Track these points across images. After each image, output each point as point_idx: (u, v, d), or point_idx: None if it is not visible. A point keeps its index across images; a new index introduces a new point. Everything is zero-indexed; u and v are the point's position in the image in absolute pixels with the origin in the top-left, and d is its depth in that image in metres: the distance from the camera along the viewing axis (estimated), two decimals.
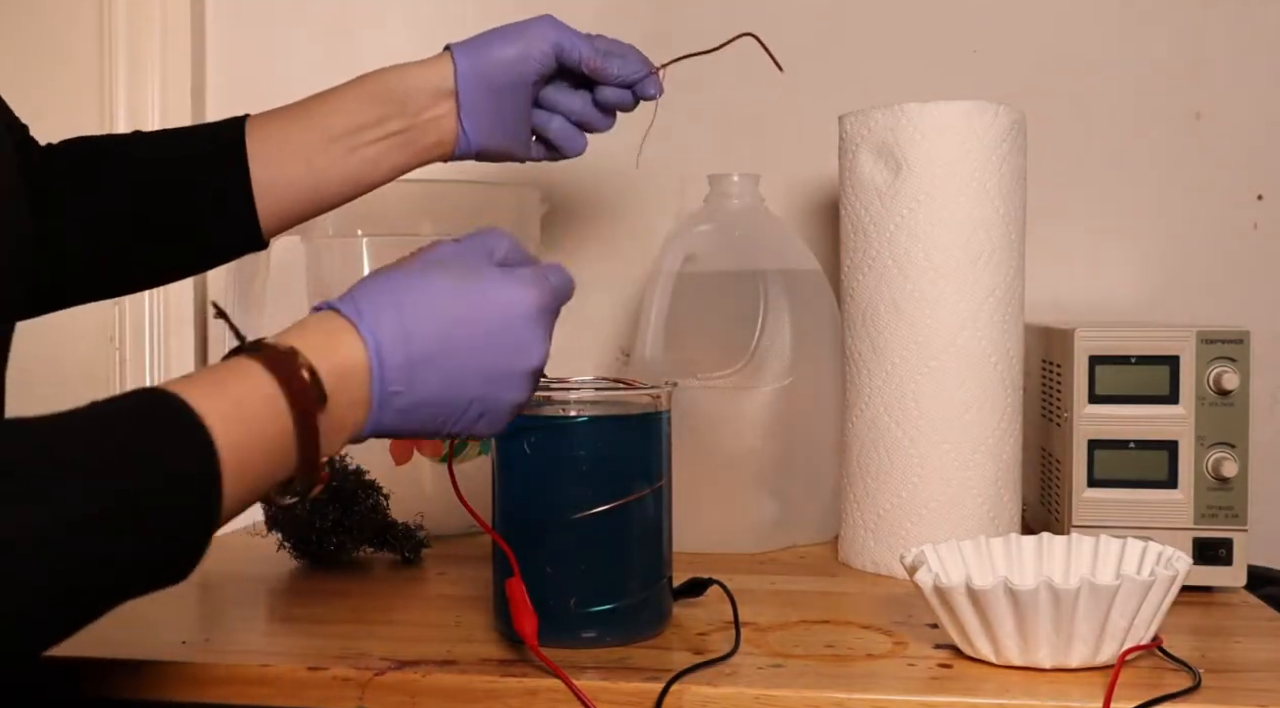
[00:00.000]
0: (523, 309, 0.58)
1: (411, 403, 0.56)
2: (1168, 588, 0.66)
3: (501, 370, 0.58)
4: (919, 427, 0.87)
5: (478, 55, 0.77)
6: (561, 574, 0.70)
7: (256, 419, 0.51)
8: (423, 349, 0.56)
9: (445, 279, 0.58)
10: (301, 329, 0.56)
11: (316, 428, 0.52)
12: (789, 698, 0.63)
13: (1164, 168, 1.15)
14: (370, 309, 0.56)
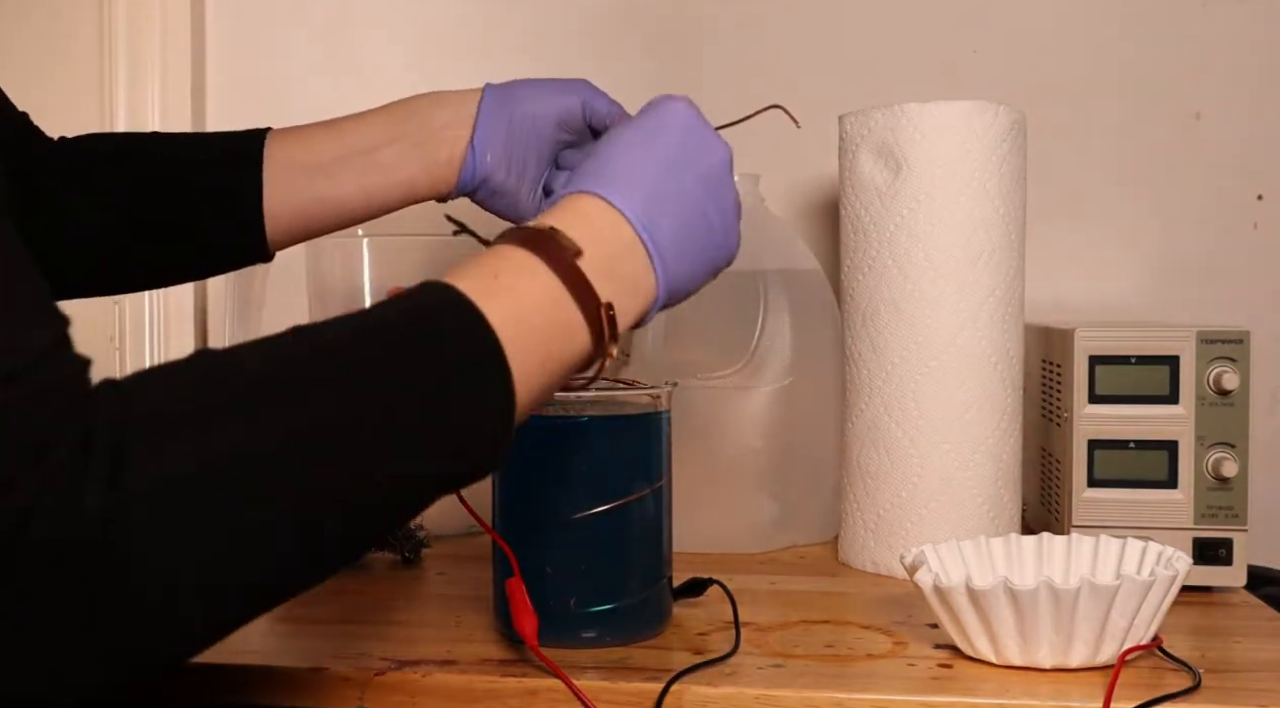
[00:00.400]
0: (686, 114, 0.62)
1: (673, 230, 0.58)
2: (1168, 588, 0.66)
3: (710, 169, 0.61)
4: (919, 427, 0.87)
5: (507, 90, 0.78)
6: (561, 574, 0.70)
7: (521, 288, 0.52)
8: (650, 181, 0.59)
9: (624, 127, 0.62)
10: (539, 216, 0.57)
11: (583, 276, 0.53)
12: (789, 698, 0.63)
13: (1164, 168, 1.15)
14: (590, 174, 0.59)
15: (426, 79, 1.22)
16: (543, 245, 0.54)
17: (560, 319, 0.53)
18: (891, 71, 1.17)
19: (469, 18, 1.23)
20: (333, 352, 0.47)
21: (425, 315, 0.50)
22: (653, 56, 1.20)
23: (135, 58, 1.21)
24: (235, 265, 0.80)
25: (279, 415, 0.43)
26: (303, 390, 0.45)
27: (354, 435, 0.45)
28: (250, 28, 1.24)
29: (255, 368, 0.45)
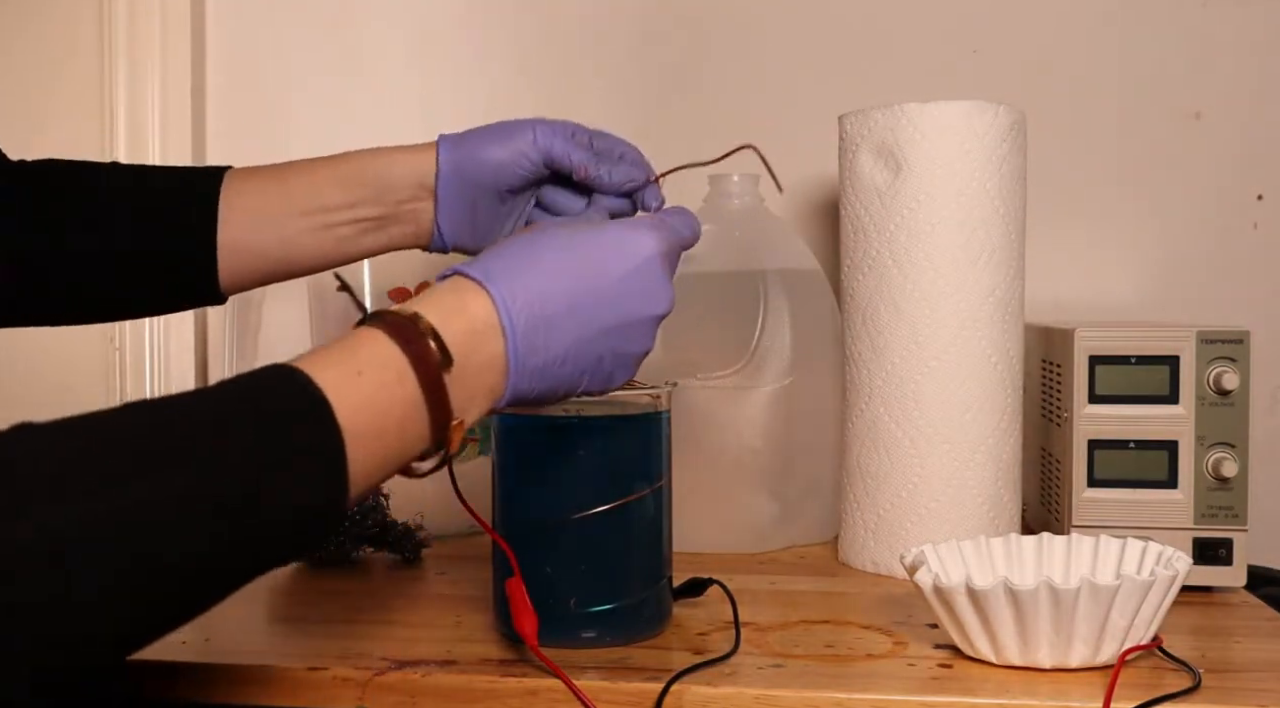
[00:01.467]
0: (647, 254, 0.59)
1: (547, 361, 0.57)
2: (1168, 588, 0.66)
3: (631, 319, 0.59)
4: (919, 427, 0.87)
5: (463, 155, 0.74)
6: (561, 574, 0.70)
7: (382, 387, 0.50)
8: (554, 304, 0.56)
9: (569, 232, 0.59)
10: (429, 294, 0.55)
11: (445, 390, 0.52)
12: (789, 698, 0.63)
13: (1164, 168, 1.15)
14: (499, 268, 0.56)
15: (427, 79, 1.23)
16: (419, 350, 0.52)
17: (410, 427, 0.52)
18: (891, 71, 1.17)
19: (469, 18, 1.23)
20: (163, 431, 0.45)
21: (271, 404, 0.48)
22: (652, 56, 1.20)
23: (135, 58, 1.21)
24: (187, 306, 0.79)
25: (86, 498, 0.42)
26: (120, 472, 0.43)
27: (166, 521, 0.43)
28: (250, 28, 1.24)
29: (71, 446, 0.43)
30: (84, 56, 1.22)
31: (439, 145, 0.74)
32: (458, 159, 0.74)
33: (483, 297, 0.55)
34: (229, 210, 0.74)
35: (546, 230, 0.59)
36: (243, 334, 1.04)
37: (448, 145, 0.74)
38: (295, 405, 0.48)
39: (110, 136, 1.21)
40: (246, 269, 0.75)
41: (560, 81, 1.21)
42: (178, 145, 1.21)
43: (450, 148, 0.74)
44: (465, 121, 1.25)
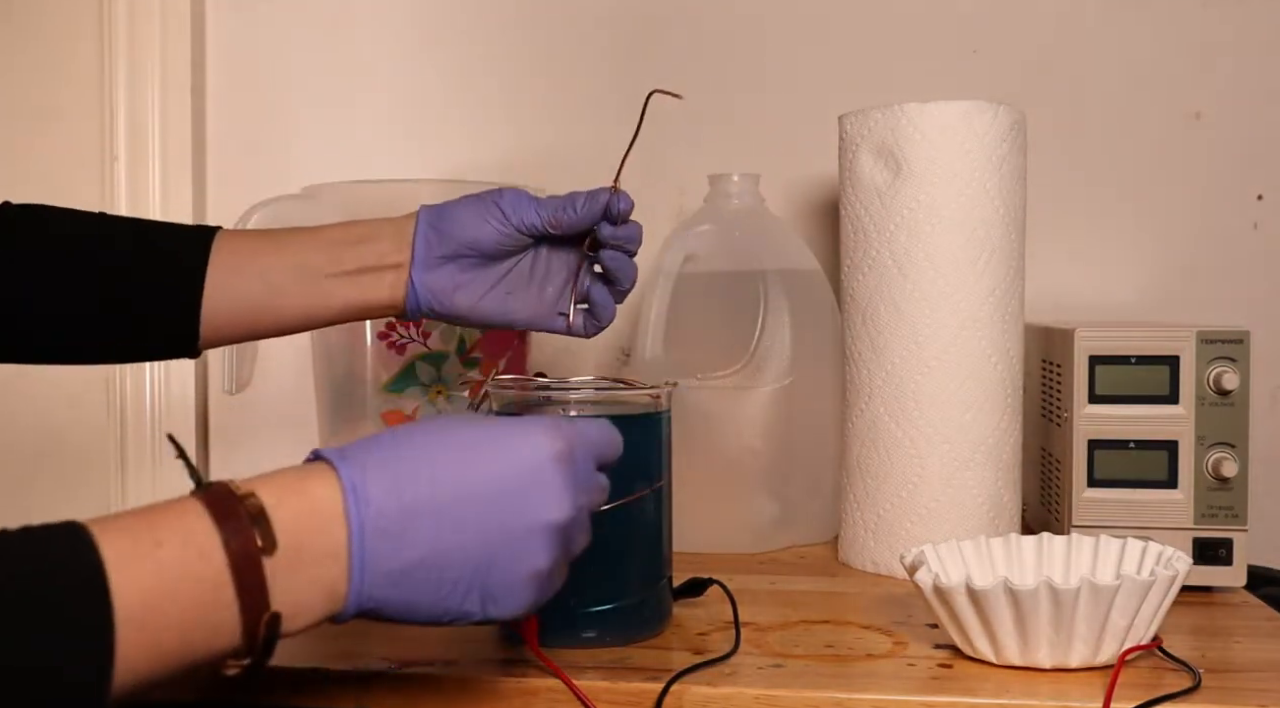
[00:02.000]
0: (536, 454, 0.52)
1: (404, 564, 0.49)
2: (1168, 588, 0.66)
3: (514, 525, 0.51)
4: (919, 427, 0.87)
5: (439, 215, 0.77)
6: None
7: (179, 564, 0.44)
8: (416, 495, 0.49)
9: (446, 423, 0.52)
10: (273, 473, 0.49)
11: (261, 577, 0.45)
12: (789, 698, 0.63)
13: (1164, 168, 1.15)
14: (355, 451, 0.50)
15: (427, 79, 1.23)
16: (233, 525, 0.46)
17: (212, 613, 0.45)
18: (891, 71, 1.17)
19: (469, 18, 1.23)
20: None
21: (43, 569, 0.42)
22: (652, 57, 1.20)
23: (135, 58, 1.21)
24: (161, 358, 0.80)
25: None
26: None
27: None
28: (250, 28, 1.24)
29: None
30: (84, 56, 1.22)
31: (419, 212, 0.77)
32: (432, 218, 0.76)
33: (330, 477, 0.49)
34: (216, 264, 0.75)
35: (426, 420, 0.54)
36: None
37: (426, 211, 0.77)
38: (68, 575, 0.42)
39: (110, 136, 1.21)
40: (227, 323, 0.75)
41: (560, 82, 1.21)
42: (178, 145, 1.21)
43: (428, 212, 0.77)
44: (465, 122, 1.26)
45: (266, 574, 0.46)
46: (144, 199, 1.20)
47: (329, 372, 1.01)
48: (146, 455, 1.20)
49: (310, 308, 0.76)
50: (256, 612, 0.46)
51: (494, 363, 0.97)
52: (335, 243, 0.76)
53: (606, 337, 1.21)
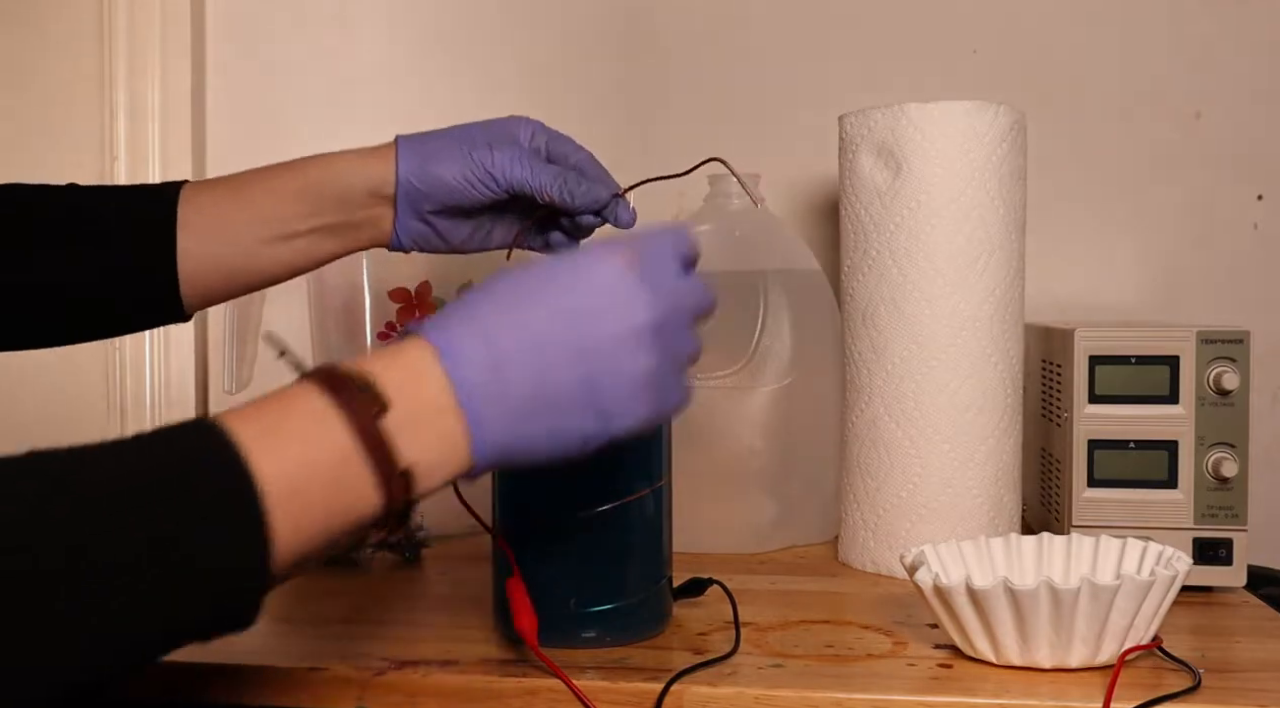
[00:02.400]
0: (605, 266, 0.54)
1: (513, 407, 0.51)
2: (1168, 588, 0.66)
3: (602, 339, 0.52)
4: (919, 427, 0.87)
5: (421, 168, 0.73)
6: (561, 574, 0.70)
7: (309, 441, 0.47)
8: (503, 341, 0.51)
9: (515, 271, 0.54)
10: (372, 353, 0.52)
11: (386, 438, 0.48)
12: (789, 698, 0.63)
13: (1164, 168, 1.15)
14: (438, 319, 0.52)
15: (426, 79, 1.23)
16: (346, 394, 0.48)
17: (348, 480, 0.47)
18: (891, 71, 1.17)
19: (469, 18, 1.23)
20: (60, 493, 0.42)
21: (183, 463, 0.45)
22: (652, 57, 1.20)
23: (135, 58, 1.21)
24: (151, 326, 0.78)
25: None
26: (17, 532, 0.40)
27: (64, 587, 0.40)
28: (250, 28, 1.24)
29: None
30: (84, 56, 1.22)
31: (398, 153, 0.73)
32: (416, 172, 0.73)
33: (421, 344, 0.51)
34: (187, 227, 0.73)
35: (498, 272, 0.55)
36: (242, 334, 1.04)
37: (407, 154, 0.73)
38: (210, 463, 0.45)
39: (110, 136, 1.21)
40: (207, 284, 0.74)
41: (559, 83, 1.21)
42: (178, 145, 1.21)
43: (409, 157, 0.73)
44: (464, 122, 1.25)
45: (389, 435, 0.48)
46: None
47: None
48: None
49: (291, 264, 0.75)
50: (388, 471, 0.48)
51: None
52: (308, 193, 0.73)
53: None
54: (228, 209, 0.74)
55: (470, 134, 0.74)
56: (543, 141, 0.76)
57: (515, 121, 0.76)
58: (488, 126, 0.75)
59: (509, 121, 0.75)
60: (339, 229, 0.75)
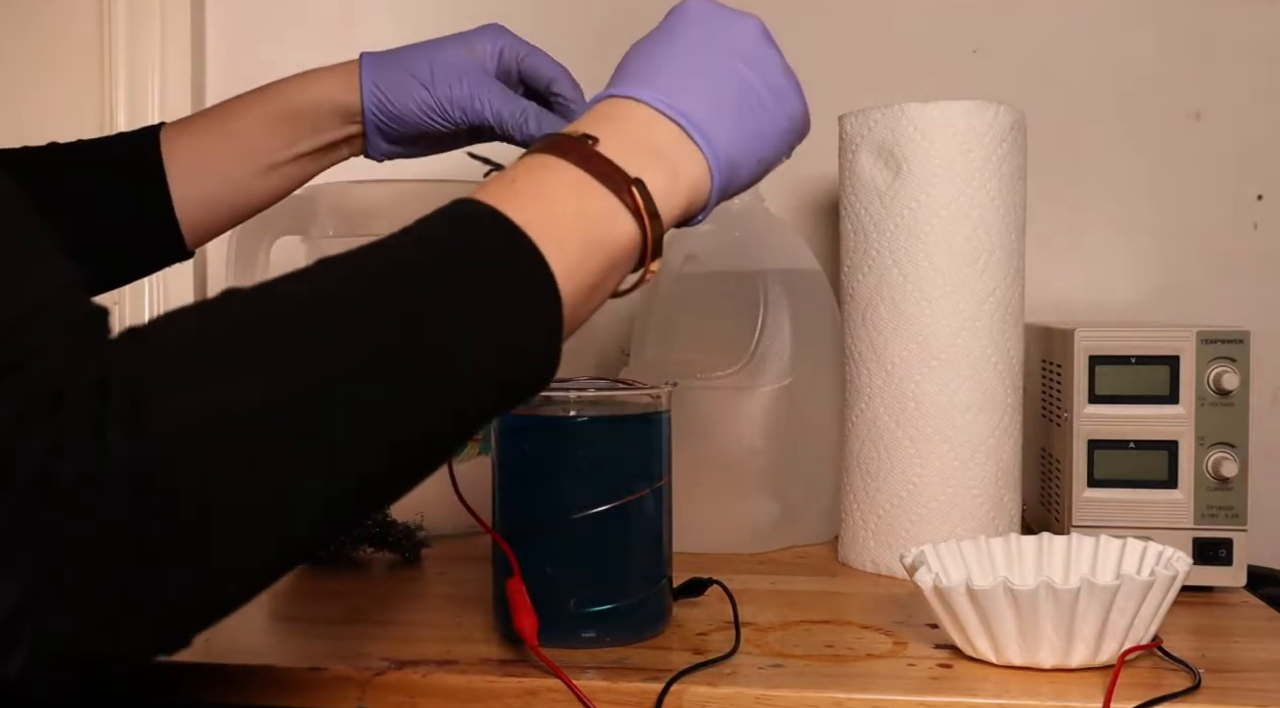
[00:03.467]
0: (699, 6, 0.62)
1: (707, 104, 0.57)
2: (1168, 588, 0.66)
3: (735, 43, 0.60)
4: (919, 427, 0.87)
5: (385, 102, 0.74)
6: (561, 574, 0.70)
7: (539, 185, 0.51)
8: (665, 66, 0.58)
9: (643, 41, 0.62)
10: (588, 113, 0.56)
11: (603, 157, 0.52)
12: (789, 698, 0.63)
13: (1164, 168, 1.15)
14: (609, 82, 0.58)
15: None
16: (554, 143, 0.53)
17: (592, 205, 0.51)
18: (891, 71, 1.17)
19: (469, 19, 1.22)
20: (365, 285, 0.45)
21: (453, 232, 0.49)
22: None
23: (135, 58, 1.21)
24: (157, 269, 0.79)
25: (312, 355, 0.42)
26: (338, 328, 0.43)
27: (391, 374, 0.43)
28: (250, 28, 1.24)
29: (288, 305, 0.44)
30: (84, 56, 1.22)
31: (361, 80, 0.74)
32: (378, 105, 0.74)
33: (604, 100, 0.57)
34: (175, 170, 0.74)
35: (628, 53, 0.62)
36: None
37: (370, 83, 0.74)
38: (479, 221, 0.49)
39: None
40: (205, 220, 0.76)
41: None
42: None
43: (371, 87, 0.74)
44: None
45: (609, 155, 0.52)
46: None
47: None
48: None
49: (282, 190, 0.78)
50: (623, 185, 0.52)
51: None
52: (285, 121, 0.75)
53: (607, 336, 1.21)
54: (211, 147, 0.75)
55: (435, 57, 0.75)
56: (514, 58, 0.77)
57: (485, 36, 0.77)
58: (451, 47, 0.76)
59: (479, 36, 0.77)
60: (319, 152, 0.77)
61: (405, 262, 0.47)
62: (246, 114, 0.76)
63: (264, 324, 0.42)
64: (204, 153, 0.75)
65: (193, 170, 0.75)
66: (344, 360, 0.42)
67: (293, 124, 0.75)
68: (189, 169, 0.75)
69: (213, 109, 0.78)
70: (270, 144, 0.75)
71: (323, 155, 0.78)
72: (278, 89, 0.76)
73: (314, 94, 0.75)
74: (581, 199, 0.51)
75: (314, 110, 0.75)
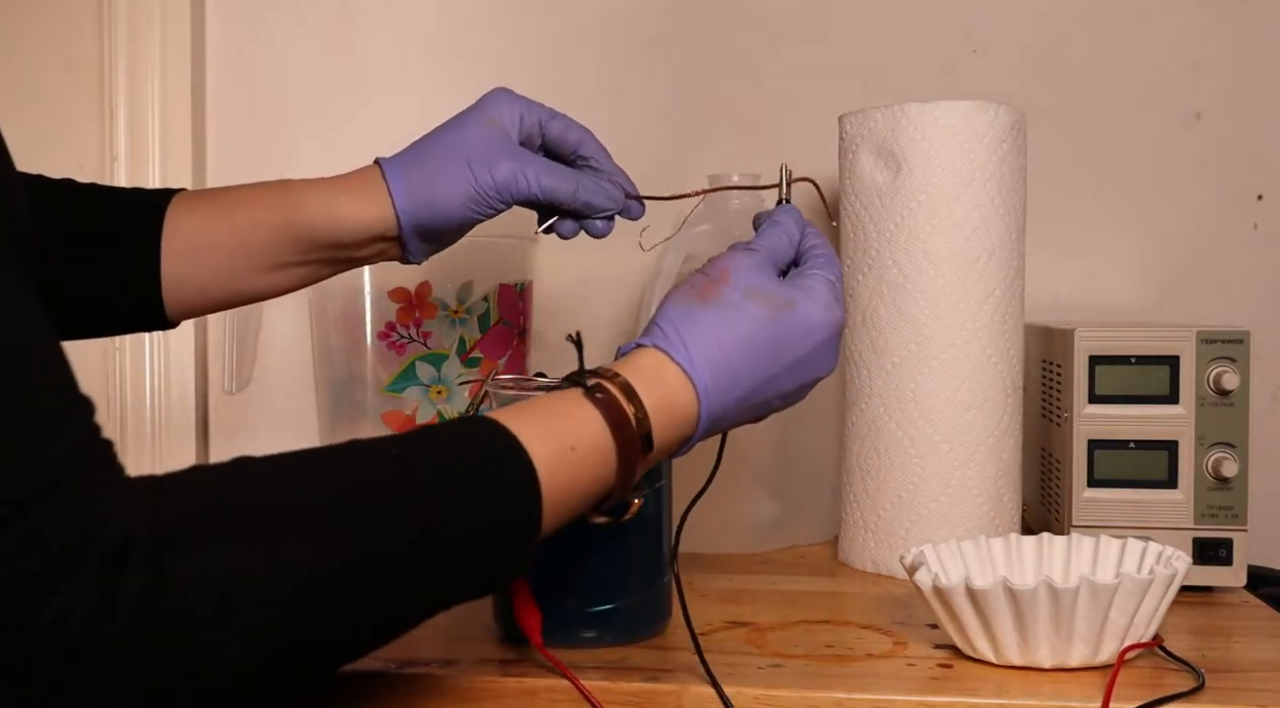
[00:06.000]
0: (829, 333, 0.64)
1: (728, 422, 0.63)
2: (1167, 587, 0.66)
3: (803, 383, 0.65)
4: (919, 427, 0.87)
5: (425, 207, 0.70)
6: (561, 574, 0.70)
7: (585, 465, 0.55)
8: (743, 387, 0.61)
9: (759, 311, 0.62)
10: (637, 371, 0.59)
11: (636, 468, 0.58)
12: (789, 698, 0.63)
13: (1164, 168, 1.15)
14: (699, 355, 0.60)
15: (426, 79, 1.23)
16: (627, 434, 0.57)
17: (600, 488, 0.57)
18: (891, 71, 1.17)
19: (469, 19, 1.23)
20: (380, 477, 0.50)
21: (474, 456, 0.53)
22: (653, 57, 1.20)
23: (135, 58, 1.21)
24: (139, 330, 0.77)
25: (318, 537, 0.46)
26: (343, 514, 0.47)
27: (385, 566, 0.48)
28: (250, 28, 1.24)
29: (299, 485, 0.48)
30: (84, 56, 1.22)
31: (390, 191, 0.70)
32: (417, 211, 0.70)
33: (683, 381, 0.60)
34: (172, 249, 0.71)
35: (742, 308, 0.61)
36: (243, 334, 1.04)
37: (401, 191, 0.69)
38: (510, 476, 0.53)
39: (110, 136, 1.21)
40: (191, 304, 0.73)
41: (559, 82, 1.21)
42: (178, 145, 1.21)
43: (405, 194, 0.70)
44: None
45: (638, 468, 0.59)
46: None
47: (329, 372, 1.01)
48: (146, 454, 1.20)
49: (282, 287, 0.74)
50: (627, 487, 0.58)
51: (494, 363, 0.97)
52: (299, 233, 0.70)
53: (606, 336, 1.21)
54: (212, 238, 0.71)
55: (460, 144, 0.70)
56: (535, 123, 0.73)
57: (499, 104, 0.72)
58: (474, 126, 0.70)
59: (494, 106, 0.72)
60: (338, 262, 0.74)
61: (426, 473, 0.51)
62: (255, 211, 0.71)
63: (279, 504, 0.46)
64: (203, 241, 0.71)
65: (188, 257, 0.71)
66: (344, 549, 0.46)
67: (307, 237, 0.71)
68: (185, 254, 0.71)
69: (224, 193, 0.73)
70: (278, 249, 0.71)
71: (342, 265, 0.74)
72: (292, 199, 0.71)
73: (334, 214, 0.70)
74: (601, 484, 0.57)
75: (333, 231, 0.71)
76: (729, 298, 0.61)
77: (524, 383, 0.75)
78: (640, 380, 0.58)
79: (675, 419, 0.59)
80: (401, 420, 0.97)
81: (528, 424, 0.54)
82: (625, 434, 0.56)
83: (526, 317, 1.03)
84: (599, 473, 0.56)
